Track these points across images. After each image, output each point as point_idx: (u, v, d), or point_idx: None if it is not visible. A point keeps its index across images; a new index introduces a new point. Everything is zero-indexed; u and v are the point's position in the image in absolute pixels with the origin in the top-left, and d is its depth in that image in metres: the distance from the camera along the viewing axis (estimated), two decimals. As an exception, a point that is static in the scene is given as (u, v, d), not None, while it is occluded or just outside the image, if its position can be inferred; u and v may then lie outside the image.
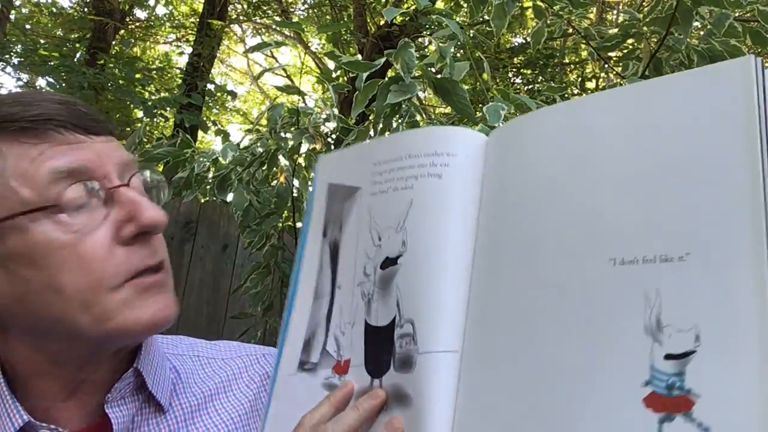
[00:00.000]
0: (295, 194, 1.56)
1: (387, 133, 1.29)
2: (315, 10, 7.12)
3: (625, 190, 0.44)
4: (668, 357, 0.38)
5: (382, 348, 0.53)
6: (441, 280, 0.51)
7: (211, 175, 1.51)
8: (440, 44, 1.19)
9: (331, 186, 0.64)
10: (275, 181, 1.58)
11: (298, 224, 1.62)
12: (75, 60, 4.17)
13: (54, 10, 6.25)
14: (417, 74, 1.19)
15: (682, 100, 0.43)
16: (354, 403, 0.52)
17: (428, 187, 0.54)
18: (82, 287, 0.49)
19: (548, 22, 1.63)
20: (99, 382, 0.55)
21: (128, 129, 4.70)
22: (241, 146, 1.56)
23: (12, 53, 4.19)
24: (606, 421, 0.39)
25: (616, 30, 1.77)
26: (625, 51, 1.81)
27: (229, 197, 1.49)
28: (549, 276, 0.45)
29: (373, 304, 0.55)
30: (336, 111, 1.45)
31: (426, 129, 0.59)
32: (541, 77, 5.84)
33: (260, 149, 1.44)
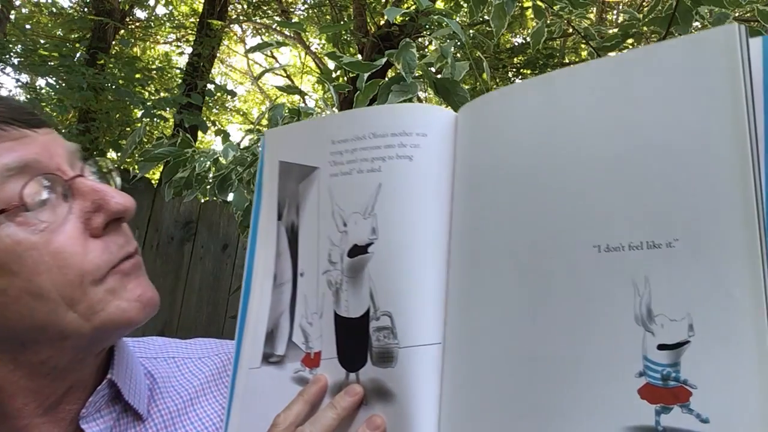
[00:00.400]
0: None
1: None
2: (315, 10, 7.12)
3: (607, 172, 0.41)
4: (661, 347, 0.37)
5: (356, 341, 0.50)
6: (419, 270, 0.49)
7: (211, 175, 1.51)
8: (441, 44, 1.19)
9: (282, 164, 0.59)
10: (275, 181, 1.58)
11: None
12: (75, 60, 4.16)
13: (54, 10, 6.25)
14: (417, 74, 1.19)
15: (664, 72, 0.40)
16: (330, 400, 0.50)
17: (399, 170, 0.51)
18: (63, 286, 0.46)
19: (548, 22, 1.63)
20: (79, 392, 0.52)
21: (128, 129, 4.70)
22: (242, 146, 1.56)
23: (12, 53, 4.20)
24: (601, 413, 0.38)
25: (616, 30, 1.77)
26: (625, 51, 1.80)
27: (230, 197, 1.49)
28: (531, 263, 0.44)
29: (342, 294, 0.52)
30: (336, 111, 1.45)
31: (389, 106, 0.55)
32: (541, 77, 5.82)
33: (261, 149, 1.44)
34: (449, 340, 0.47)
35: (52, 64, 4.10)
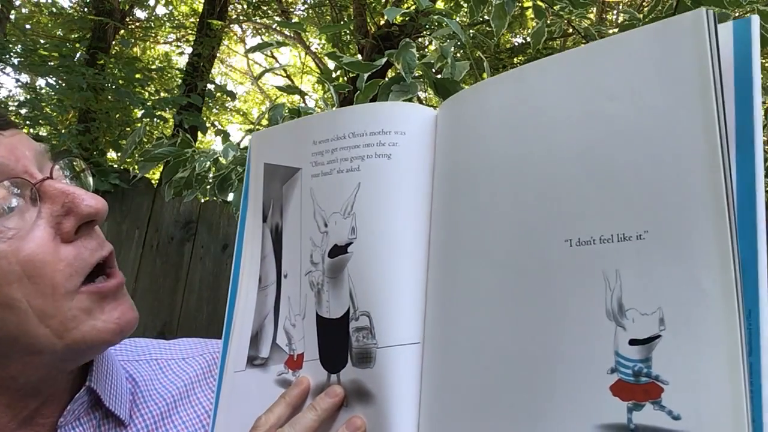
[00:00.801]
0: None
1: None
2: (315, 10, 7.12)
3: (577, 164, 0.41)
4: (633, 342, 0.36)
5: (337, 342, 0.50)
6: (396, 269, 0.49)
7: (211, 175, 1.51)
8: (441, 44, 1.19)
9: (267, 166, 0.60)
10: (275, 181, 1.58)
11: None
12: (75, 60, 4.16)
13: (54, 10, 6.25)
14: (417, 74, 1.19)
15: (632, 60, 0.39)
16: (311, 402, 0.49)
17: (377, 169, 0.51)
18: (34, 296, 0.44)
19: (548, 22, 1.63)
20: (55, 404, 0.51)
21: (128, 129, 4.70)
22: (242, 146, 1.56)
23: (12, 53, 4.19)
24: (574, 411, 0.37)
25: (616, 30, 1.77)
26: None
27: (230, 197, 1.49)
28: (505, 259, 0.43)
29: (323, 294, 0.52)
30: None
31: (369, 105, 0.55)
32: (541, 77, 5.82)
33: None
34: (429, 339, 0.47)
35: (52, 64, 4.10)
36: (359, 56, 5.01)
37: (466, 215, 0.47)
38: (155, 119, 4.18)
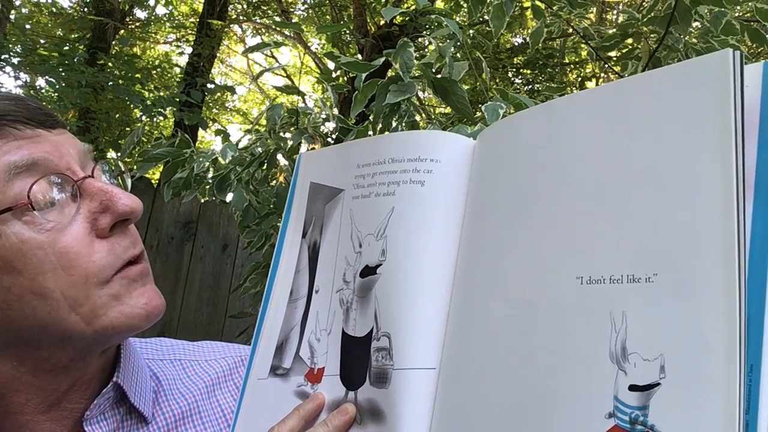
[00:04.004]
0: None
1: (386, 133, 1.29)
2: (315, 10, 7.12)
3: (595, 201, 0.40)
4: (633, 388, 0.35)
5: (358, 360, 0.51)
6: (419, 294, 0.49)
7: (210, 175, 1.51)
8: (439, 44, 1.19)
9: (313, 185, 0.62)
10: (274, 181, 1.58)
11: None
12: (75, 60, 4.16)
13: (54, 10, 6.25)
14: (417, 74, 1.19)
15: (656, 99, 0.39)
16: (324, 418, 0.50)
17: (410, 195, 0.52)
18: (67, 287, 0.47)
19: (547, 22, 1.64)
20: (82, 390, 0.52)
21: (128, 129, 4.70)
22: (241, 146, 1.56)
23: (12, 53, 4.19)
24: None
25: (615, 30, 1.77)
26: (625, 50, 1.81)
27: (229, 197, 1.49)
28: (518, 292, 0.43)
29: (351, 313, 0.53)
30: (335, 111, 1.45)
31: (410, 132, 0.56)
32: (540, 77, 5.84)
33: (259, 149, 1.45)
34: (445, 366, 0.47)
35: (52, 63, 4.10)
36: (359, 56, 5.01)
37: (487, 246, 0.47)
38: (155, 117, 4.19)
